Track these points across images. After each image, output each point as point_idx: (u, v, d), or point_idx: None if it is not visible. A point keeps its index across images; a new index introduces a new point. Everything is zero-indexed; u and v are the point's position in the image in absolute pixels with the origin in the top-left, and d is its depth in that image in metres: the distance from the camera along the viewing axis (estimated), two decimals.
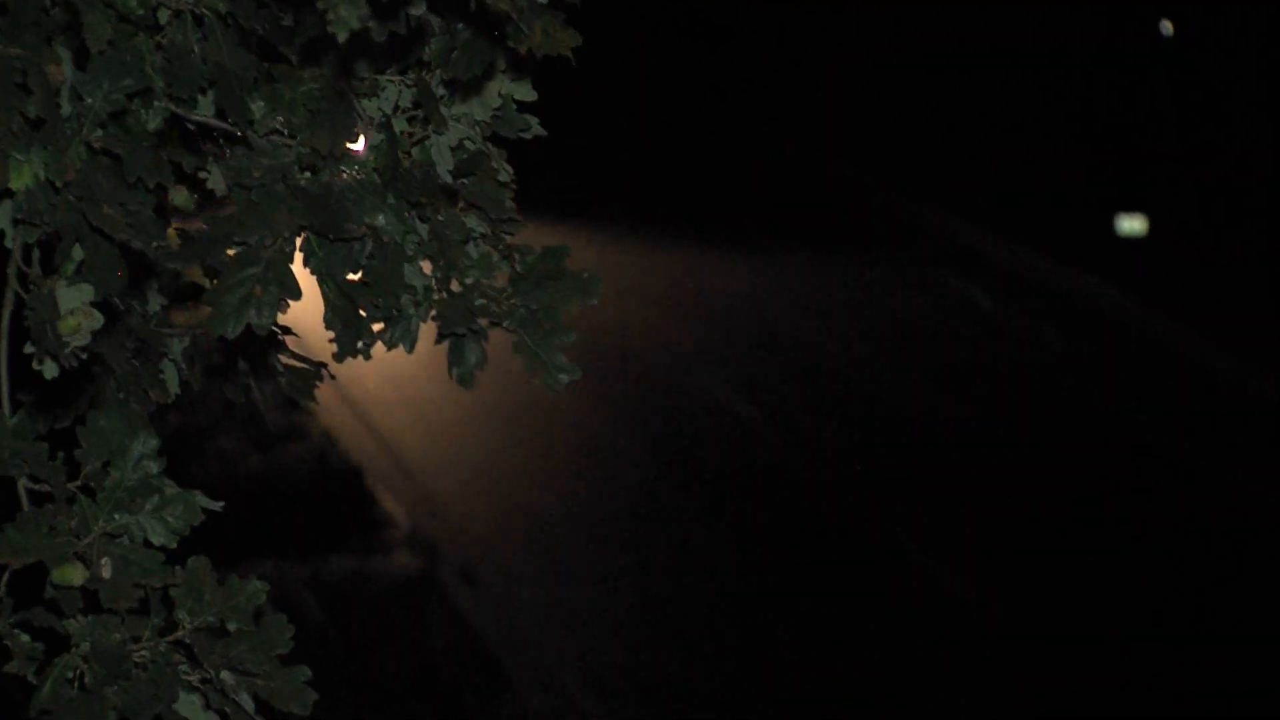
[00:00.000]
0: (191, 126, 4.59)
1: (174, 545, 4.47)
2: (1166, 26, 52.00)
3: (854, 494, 31.55)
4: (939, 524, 29.96)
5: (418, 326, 4.61)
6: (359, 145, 4.66)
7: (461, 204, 4.63)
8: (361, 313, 4.63)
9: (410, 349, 4.66)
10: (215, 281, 4.53)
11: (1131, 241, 47.06)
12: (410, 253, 4.58)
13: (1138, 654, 26.29)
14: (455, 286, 4.63)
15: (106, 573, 4.43)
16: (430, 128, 4.61)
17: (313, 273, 4.53)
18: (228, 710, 4.43)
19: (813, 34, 60.35)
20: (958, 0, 55.34)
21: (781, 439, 33.73)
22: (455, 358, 4.70)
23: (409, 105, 4.64)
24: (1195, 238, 46.34)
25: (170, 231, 4.73)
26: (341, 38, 4.11)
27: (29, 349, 4.45)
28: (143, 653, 4.41)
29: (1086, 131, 51.34)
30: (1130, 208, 47.37)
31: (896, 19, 57.30)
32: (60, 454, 4.52)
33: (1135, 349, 41.24)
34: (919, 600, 28.35)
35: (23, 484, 4.51)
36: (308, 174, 4.53)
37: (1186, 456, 33.36)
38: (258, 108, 4.57)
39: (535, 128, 4.71)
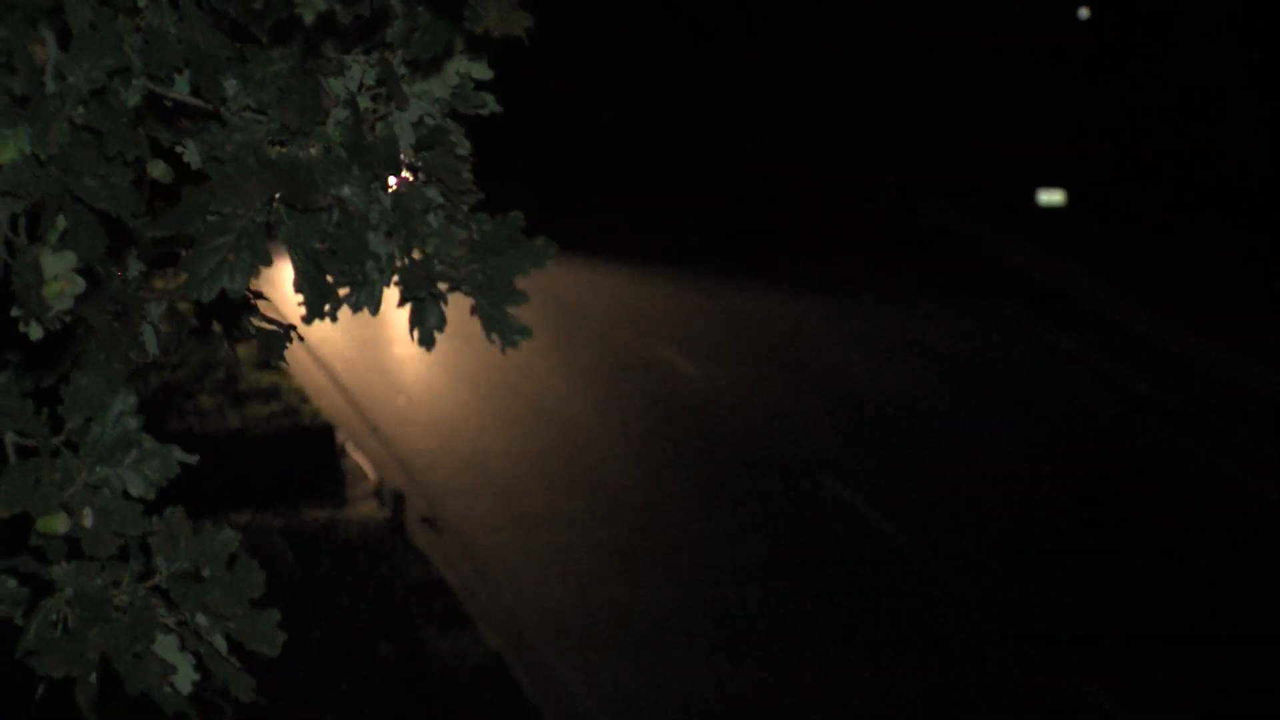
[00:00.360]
0: (168, 104, 4.59)
1: (152, 497, 4.49)
2: (1083, 12, 52.52)
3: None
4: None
5: (381, 291, 4.62)
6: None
7: (422, 176, 4.65)
8: (329, 278, 4.64)
9: (374, 312, 4.68)
10: (191, 249, 4.54)
11: (1050, 210, 48.19)
12: (374, 222, 4.59)
13: None
14: (416, 254, 4.65)
15: (88, 522, 4.45)
16: (393, 105, 4.62)
17: (282, 241, 4.54)
18: (202, 651, 4.45)
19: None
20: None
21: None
22: (416, 320, 4.72)
23: (373, 83, 4.65)
24: (1108, 207, 47.45)
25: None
26: (309, 19, 4.14)
27: (15, 312, 4.46)
28: (122, 597, 4.44)
29: (1011, 113, 51.90)
30: (1049, 183, 48.70)
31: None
32: (45, 410, 4.54)
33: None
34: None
35: (9, 439, 4.53)
36: (278, 148, 4.55)
37: None
38: (230, 86, 4.58)
39: (491, 105, 4.73)
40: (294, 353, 5.73)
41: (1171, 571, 29.10)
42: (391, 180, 4.70)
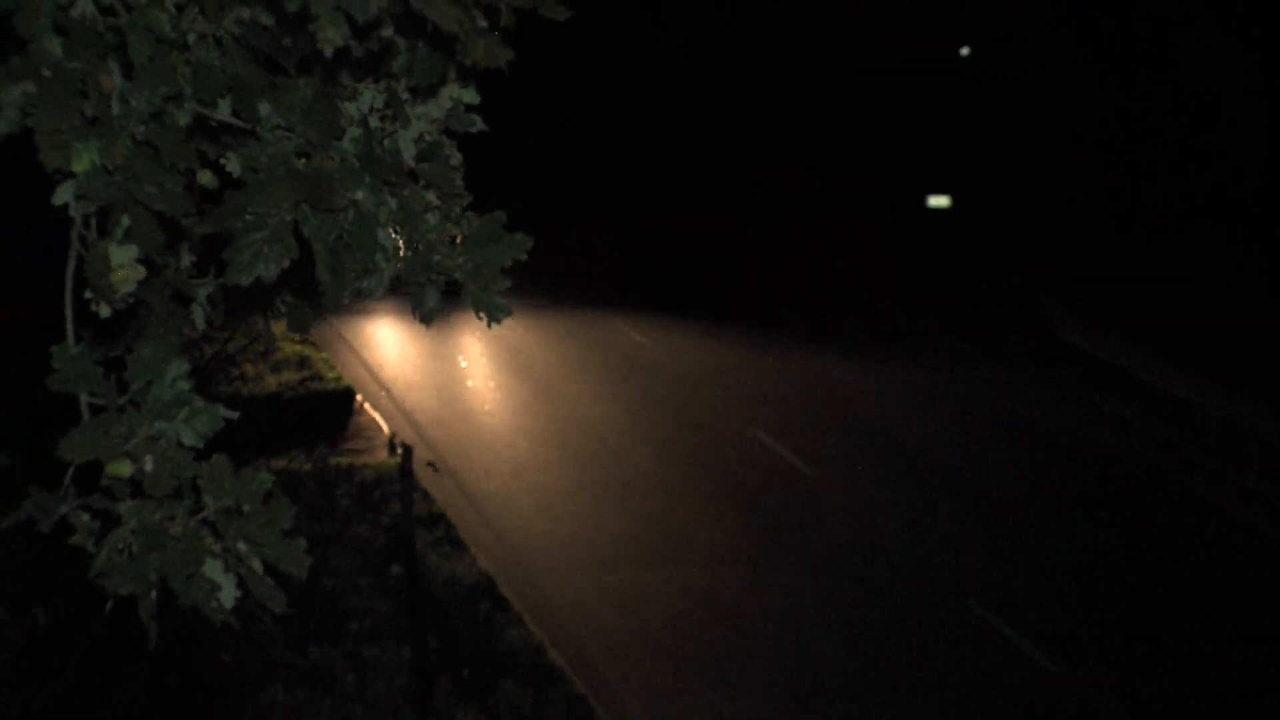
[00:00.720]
0: (214, 123, 4.60)
1: (201, 446, 4.51)
2: (964, 50, 52.98)
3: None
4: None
5: (388, 277, 4.63)
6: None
7: (422, 183, 4.66)
8: (346, 266, 4.65)
9: (382, 294, 4.67)
10: (232, 243, 4.55)
11: (937, 211, 48.25)
12: (383, 220, 4.61)
13: None
14: (417, 247, 4.66)
15: (149, 467, 4.46)
16: (398, 124, 4.64)
17: (308, 236, 4.55)
18: (242, 572, 4.47)
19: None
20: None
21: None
22: (417, 302, 4.74)
23: (381, 106, 4.66)
24: (986, 209, 47.82)
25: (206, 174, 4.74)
26: (328, 52, 4.16)
27: (88, 295, 4.48)
28: (176, 528, 4.45)
29: (910, 134, 51.80)
30: (937, 190, 48.80)
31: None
32: (113, 376, 4.55)
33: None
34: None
35: (84, 399, 4.54)
36: (303, 160, 4.56)
37: None
38: (264, 109, 4.59)
39: (479, 124, 4.74)
40: (326, 334, 5.68)
41: None
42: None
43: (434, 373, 32.76)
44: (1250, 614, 24.41)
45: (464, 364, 33.26)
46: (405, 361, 33.60)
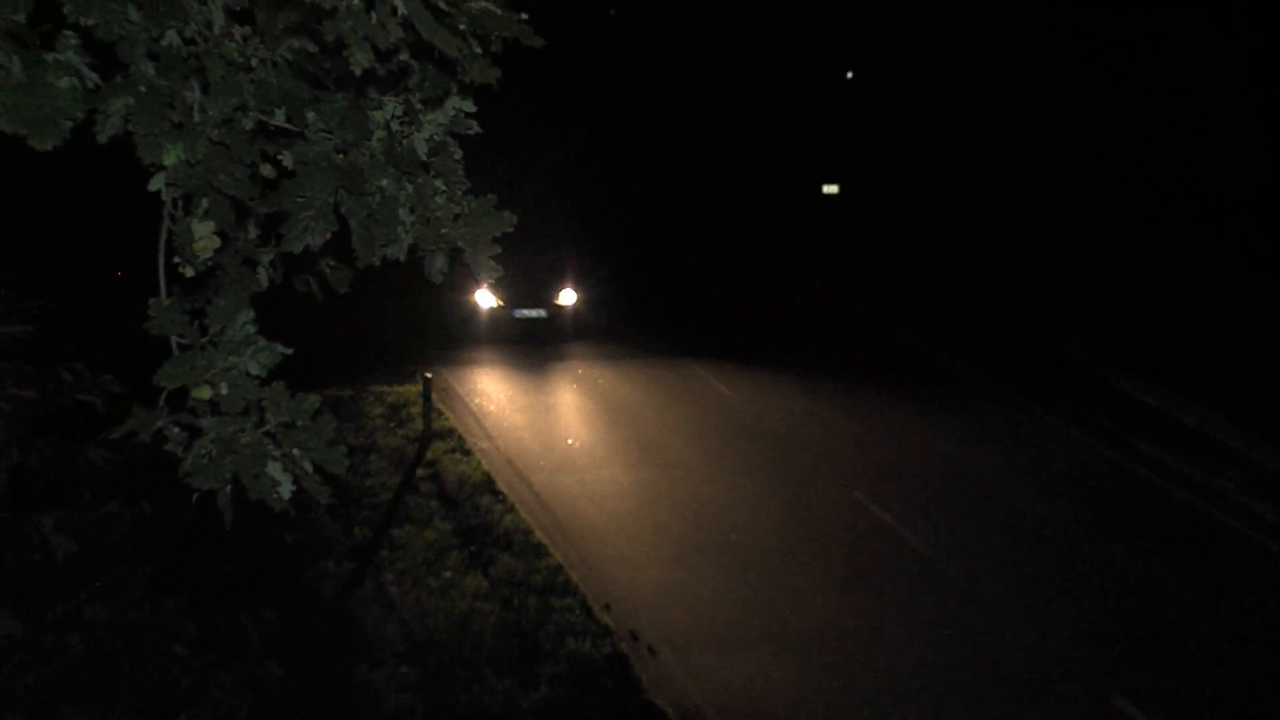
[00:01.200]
0: (272, 127, 4.63)
1: (264, 375, 4.55)
2: (849, 74, 51.55)
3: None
4: None
5: (407, 245, 4.65)
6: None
7: (432, 173, 4.68)
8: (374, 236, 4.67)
9: (403, 258, 4.69)
10: (287, 219, 4.57)
11: (829, 197, 46.82)
12: (402, 202, 4.63)
13: None
14: (429, 222, 4.68)
15: (224, 391, 4.52)
16: (413, 128, 4.66)
17: (344, 214, 4.57)
18: (296, 472, 4.50)
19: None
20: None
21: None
22: (428, 265, 4.76)
23: (400, 114, 4.69)
24: (867, 194, 46.55)
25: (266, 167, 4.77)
26: (358, 72, 4.19)
27: (176, 260, 4.51)
28: (246, 438, 4.49)
29: (806, 138, 49.98)
30: (829, 180, 47.23)
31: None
32: (196, 322, 4.58)
33: None
34: None
35: (174, 339, 4.58)
36: (340, 156, 4.58)
37: None
38: (310, 116, 4.62)
39: (475, 127, 4.75)
40: (350, 300, 5.64)
41: None
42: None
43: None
44: None
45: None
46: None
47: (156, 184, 4.51)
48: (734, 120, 49.96)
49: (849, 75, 50.99)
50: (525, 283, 32.10)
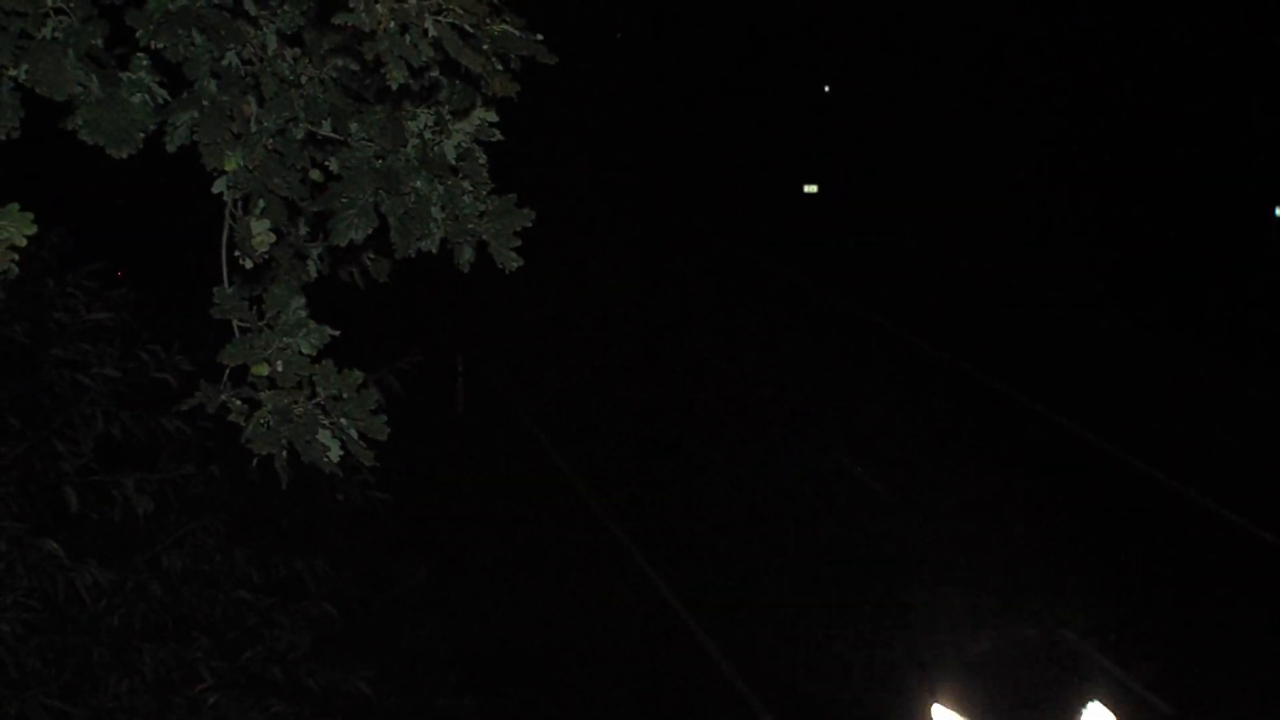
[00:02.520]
0: (319, 137, 4.62)
1: (314, 354, 4.55)
2: (826, 88, 50.92)
3: None
4: None
5: (438, 239, 4.64)
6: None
7: (460, 175, 4.66)
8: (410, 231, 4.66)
9: (436, 250, 4.67)
10: (333, 218, 4.56)
11: (809, 196, 45.97)
12: (434, 201, 4.62)
13: None
14: (457, 218, 4.66)
15: (280, 368, 4.51)
16: (443, 136, 4.64)
17: (383, 212, 4.56)
18: (343, 438, 4.50)
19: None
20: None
21: None
22: (457, 255, 4.74)
23: (432, 124, 4.67)
24: (846, 195, 45.64)
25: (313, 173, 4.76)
26: (394, 87, 4.16)
27: (237, 254, 4.51)
28: (299, 409, 4.50)
29: (789, 144, 49.27)
30: (809, 180, 46.28)
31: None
32: (254, 308, 4.58)
33: None
34: None
35: (235, 323, 4.57)
36: (380, 161, 4.57)
37: None
38: (353, 126, 4.62)
39: (496, 134, 4.72)
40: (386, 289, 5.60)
41: None
42: None
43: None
44: None
45: None
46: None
47: (219, 187, 4.51)
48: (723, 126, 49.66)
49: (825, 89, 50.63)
50: None
